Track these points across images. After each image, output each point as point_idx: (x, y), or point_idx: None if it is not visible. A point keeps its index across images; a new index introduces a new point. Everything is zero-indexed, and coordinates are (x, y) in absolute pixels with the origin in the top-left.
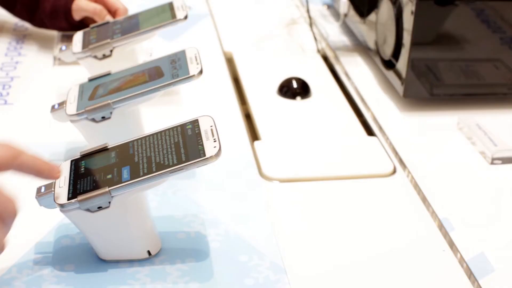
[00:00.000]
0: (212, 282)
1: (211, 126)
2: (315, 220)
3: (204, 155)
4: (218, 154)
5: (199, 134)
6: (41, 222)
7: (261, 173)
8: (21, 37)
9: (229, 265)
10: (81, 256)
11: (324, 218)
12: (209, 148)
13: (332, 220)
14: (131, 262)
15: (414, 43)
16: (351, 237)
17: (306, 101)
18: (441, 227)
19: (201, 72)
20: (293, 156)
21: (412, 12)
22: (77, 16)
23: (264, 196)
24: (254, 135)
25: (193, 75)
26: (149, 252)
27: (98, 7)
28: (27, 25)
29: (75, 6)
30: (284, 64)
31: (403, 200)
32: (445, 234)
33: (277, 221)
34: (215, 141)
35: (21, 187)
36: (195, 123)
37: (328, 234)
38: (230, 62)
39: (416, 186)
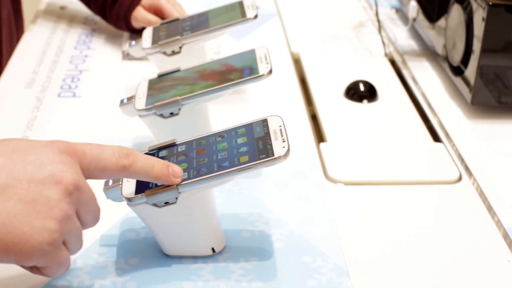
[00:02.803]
0: (275, 281)
1: (280, 126)
2: (378, 224)
3: (273, 155)
4: (286, 154)
5: (268, 134)
6: (107, 215)
7: (326, 175)
8: (90, 31)
9: (293, 266)
10: (145, 250)
11: (387, 222)
12: (278, 148)
13: (395, 225)
14: (195, 258)
15: (484, 50)
16: (414, 244)
17: (373, 104)
18: (506, 236)
19: (270, 72)
20: (358, 159)
21: (483, 19)
22: (135, 24)
23: (328, 198)
24: (320, 137)
25: (263, 75)
26: (213, 249)
27: (152, 19)
28: (97, 19)
29: (132, 16)
30: (351, 67)
31: (468, 207)
32: (510, 244)
33: (341, 224)
34: (284, 141)
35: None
36: (264, 122)
37: (391, 239)
38: (297, 62)
39: (481, 194)
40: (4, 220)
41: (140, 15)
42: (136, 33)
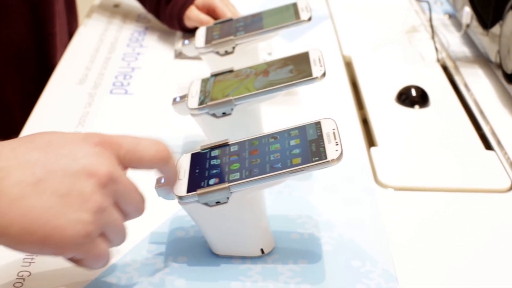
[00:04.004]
0: (323, 285)
1: (334, 129)
2: (428, 230)
3: (326, 158)
4: (339, 157)
5: (321, 137)
6: (157, 212)
7: (376, 180)
8: (143, 28)
9: (341, 269)
10: (194, 249)
11: (437, 229)
12: (331, 151)
13: (445, 232)
14: (243, 258)
15: None
16: (463, 251)
17: (424, 110)
18: None
19: (324, 74)
20: (409, 165)
21: None
22: (188, 24)
23: (378, 203)
24: (370, 141)
25: (316, 77)
26: (262, 250)
27: (205, 19)
28: (150, 17)
29: (185, 16)
30: (403, 71)
31: None
32: None
33: (391, 229)
34: (337, 145)
35: (138, 176)
36: (317, 125)
37: (440, 247)
38: (348, 66)
39: None
40: (39, 214)
41: (193, 14)
42: (189, 32)
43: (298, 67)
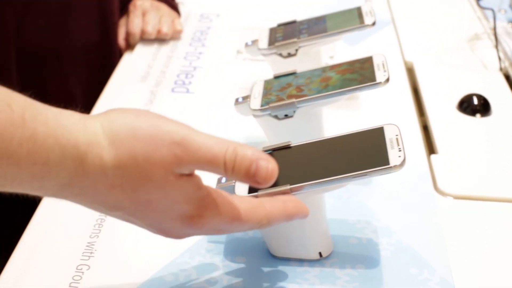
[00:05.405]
0: None
1: (397, 135)
2: (487, 241)
3: (388, 164)
4: (402, 164)
5: (383, 142)
6: None
7: (435, 187)
8: (205, 28)
9: (398, 276)
10: (252, 249)
11: (496, 240)
12: (394, 157)
13: (504, 244)
14: (301, 261)
15: None
16: None
17: (486, 119)
18: None
19: (387, 80)
20: (469, 174)
21: None
22: None
23: (437, 211)
24: (430, 148)
25: (380, 82)
26: (320, 254)
27: None
28: (212, 16)
29: None
30: (465, 79)
31: None
32: None
33: (450, 238)
34: (400, 151)
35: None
36: (380, 130)
37: (499, 258)
38: (410, 72)
39: None
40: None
41: None
42: None
43: (362, 72)
